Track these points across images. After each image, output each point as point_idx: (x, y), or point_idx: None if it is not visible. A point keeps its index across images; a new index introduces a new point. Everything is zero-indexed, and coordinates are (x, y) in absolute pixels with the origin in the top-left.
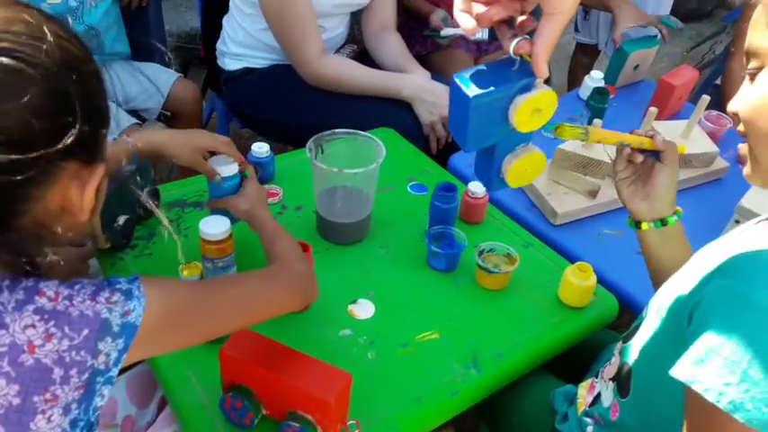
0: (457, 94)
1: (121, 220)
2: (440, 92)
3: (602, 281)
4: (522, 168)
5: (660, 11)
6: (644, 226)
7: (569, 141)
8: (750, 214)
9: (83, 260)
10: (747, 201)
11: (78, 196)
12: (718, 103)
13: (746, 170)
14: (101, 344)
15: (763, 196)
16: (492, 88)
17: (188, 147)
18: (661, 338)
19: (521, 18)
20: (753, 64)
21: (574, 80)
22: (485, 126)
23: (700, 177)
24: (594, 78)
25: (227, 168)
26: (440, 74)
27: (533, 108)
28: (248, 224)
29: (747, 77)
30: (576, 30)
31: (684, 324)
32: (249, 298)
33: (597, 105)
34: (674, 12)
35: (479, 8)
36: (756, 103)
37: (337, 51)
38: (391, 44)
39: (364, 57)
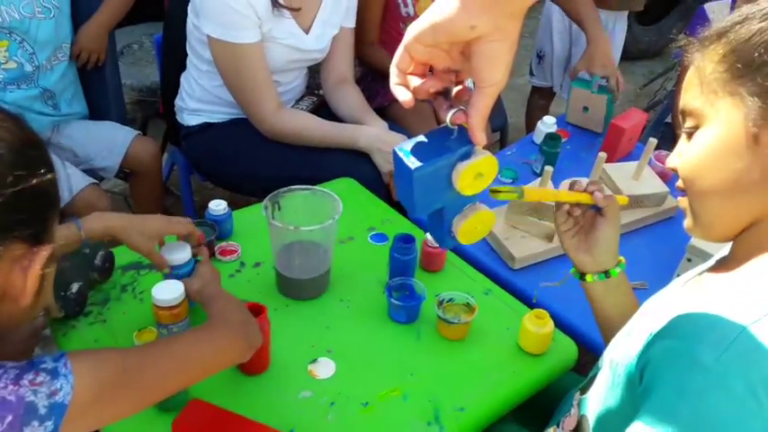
0: (400, 166)
1: (74, 287)
2: (397, 141)
3: (562, 323)
4: (472, 227)
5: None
6: (588, 278)
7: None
8: (701, 253)
9: (34, 335)
10: (697, 240)
11: (21, 280)
12: (671, 140)
13: (687, 223)
14: (27, 429)
15: None
16: (434, 157)
17: (144, 234)
18: (616, 395)
19: (456, 89)
20: (689, 123)
21: (531, 121)
22: (430, 193)
23: (651, 217)
24: (547, 123)
25: (180, 256)
26: (400, 124)
27: (475, 173)
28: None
29: (684, 135)
30: (531, 73)
31: (637, 382)
32: (186, 357)
33: (550, 150)
34: (625, 50)
35: (415, 81)
36: (693, 162)
37: (296, 103)
38: (350, 97)
39: (324, 108)
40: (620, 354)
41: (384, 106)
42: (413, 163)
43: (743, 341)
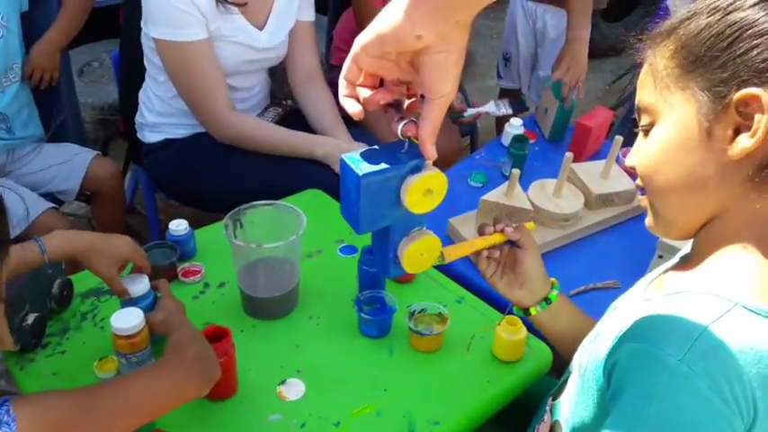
0: (347, 174)
1: (31, 318)
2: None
3: (535, 328)
4: (418, 252)
5: None
6: (533, 311)
7: (493, 191)
8: (672, 249)
9: None
10: None
11: None
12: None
13: (648, 221)
14: None
15: None
16: (383, 166)
17: (108, 257)
18: (586, 399)
19: (408, 101)
20: (645, 120)
21: (501, 123)
22: (376, 206)
23: (622, 215)
24: (514, 125)
25: (138, 288)
26: (371, 131)
27: (424, 188)
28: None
29: (641, 133)
30: (499, 76)
31: (605, 386)
32: (138, 396)
33: (517, 152)
34: (593, 48)
35: (365, 93)
36: (651, 158)
37: (261, 114)
38: (321, 102)
39: (290, 118)
40: (589, 357)
41: None
42: (361, 170)
43: (704, 341)
